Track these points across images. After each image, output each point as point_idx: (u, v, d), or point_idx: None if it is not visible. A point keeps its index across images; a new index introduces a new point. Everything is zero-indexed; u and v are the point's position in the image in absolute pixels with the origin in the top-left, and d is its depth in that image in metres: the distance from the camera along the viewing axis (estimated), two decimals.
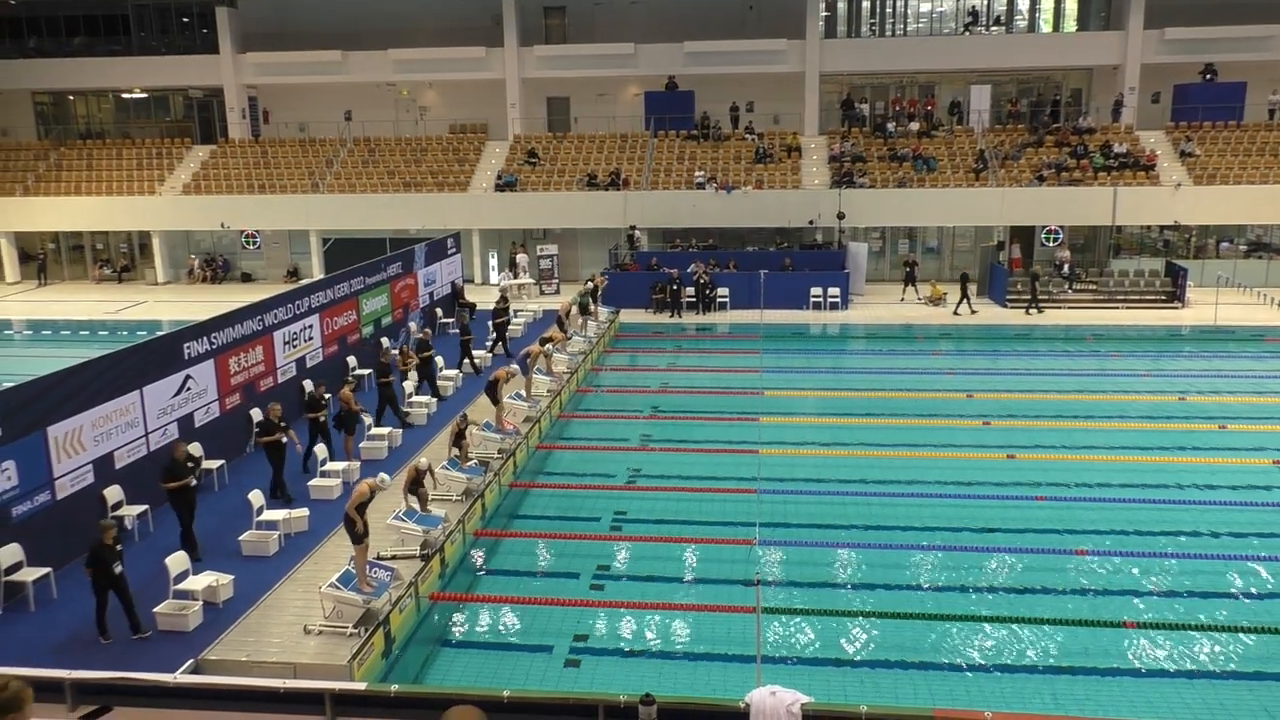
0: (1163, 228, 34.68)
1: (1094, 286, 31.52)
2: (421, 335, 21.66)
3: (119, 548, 10.85)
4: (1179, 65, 35.47)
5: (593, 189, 34.86)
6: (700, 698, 4.85)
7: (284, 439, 14.88)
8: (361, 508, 11.49)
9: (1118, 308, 30.53)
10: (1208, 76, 35.58)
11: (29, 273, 37.74)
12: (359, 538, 11.43)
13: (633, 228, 34.14)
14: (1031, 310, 29.67)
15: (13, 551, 11.82)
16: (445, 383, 20.69)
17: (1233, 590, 12.67)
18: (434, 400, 19.58)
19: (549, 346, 20.91)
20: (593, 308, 26.61)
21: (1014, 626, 11.67)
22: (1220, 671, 10.84)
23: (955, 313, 29.75)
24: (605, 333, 26.67)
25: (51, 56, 39.91)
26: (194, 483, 13.08)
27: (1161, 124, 36.01)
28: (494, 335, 24.48)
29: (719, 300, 30.93)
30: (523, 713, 4.77)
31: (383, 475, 12.40)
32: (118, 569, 10.77)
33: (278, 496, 14.59)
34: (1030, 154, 34.54)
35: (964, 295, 29.80)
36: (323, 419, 16.08)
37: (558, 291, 33.48)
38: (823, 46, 36.41)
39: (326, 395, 16.62)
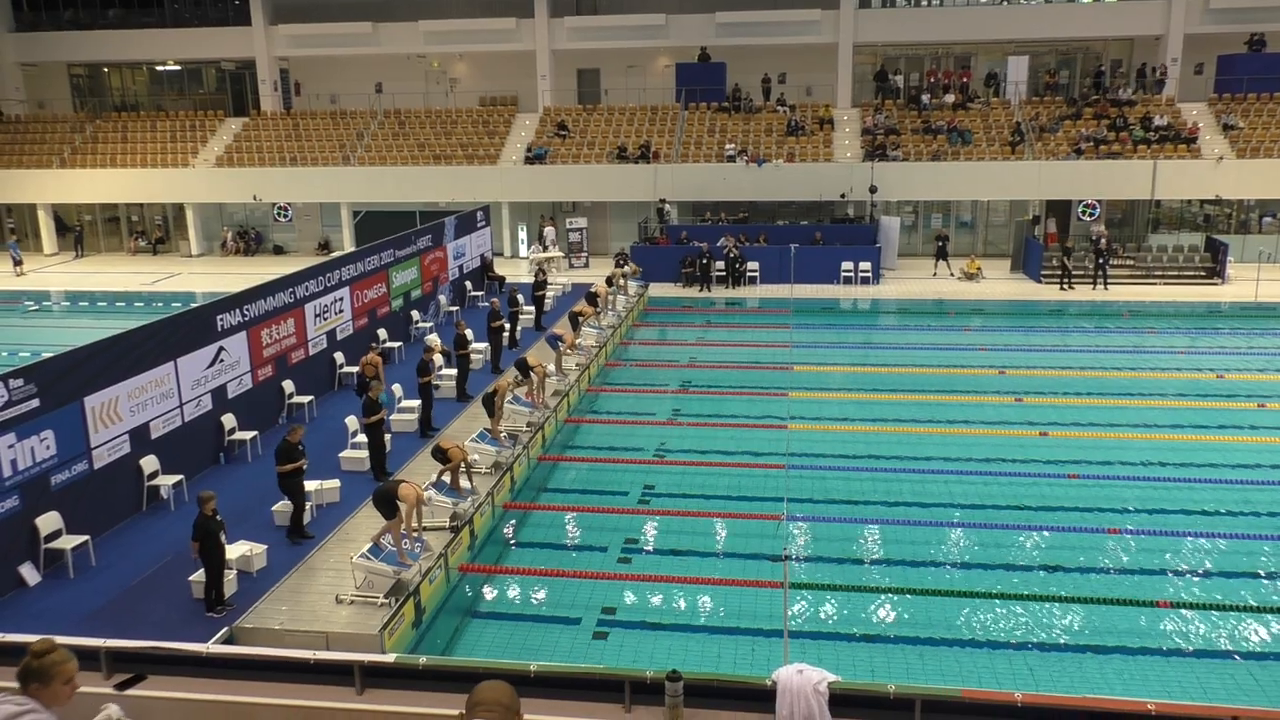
0: (1203, 202, 34.04)
1: (1132, 262, 31.02)
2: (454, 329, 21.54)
3: (219, 518, 10.97)
4: (1224, 35, 34.64)
5: (622, 162, 34.69)
6: (727, 675, 4.85)
7: (387, 416, 14.96)
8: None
9: (1156, 283, 30.04)
10: (1254, 47, 34.73)
11: (66, 244, 38.23)
12: (394, 516, 11.50)
13: (662, 201, 33.99)
14: (1098, 286, 29.27)
15: (52, 519, 12.05)
16: (476, 355, 20.71)
17: (1269, 570, 12.49)
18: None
19: (577, 343, 20.81)
20: (620, 282, 26.54)
21: (1045, 605, 11.59)
22: (1256, 653, 10.72)
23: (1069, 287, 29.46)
24: (634, 306, 26.62)
25: (87, 29, 40.21)
26: (305, 466, 12.98)
27: (1204, 96, 35.23)
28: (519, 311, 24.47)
29: (749, 274, 30.76)
30: (549, 686, 4.78)
31: (432, 493, 12.48)
32: (222, 539, 10.93)
33: (379, 479, 14.61)
34: (1068, 126, 33.93)
35: (1068, 272, 29.48)
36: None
37: (586, 265, 33.45)
38: (857, 16, 35.89)
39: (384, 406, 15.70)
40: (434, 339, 19.83)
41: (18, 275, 33.47)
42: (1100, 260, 29.44)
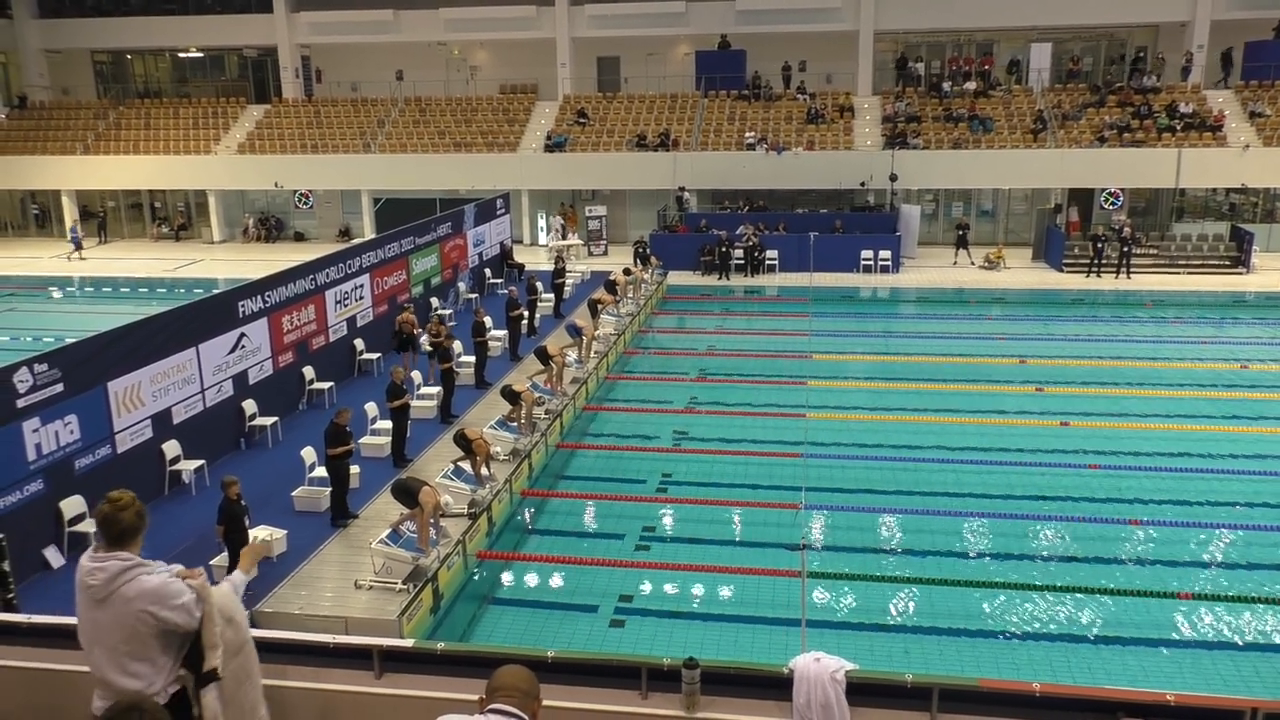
0: (1229, 190, 33.64)
1: (1155, 251, 30.71)
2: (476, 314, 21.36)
3: (244, 503, 11.07)
4: (1251, 21, 34.13)
5: (642, 150, 34.61)
6: (744, 662, 4.87)
7: (410, 402, 15.07)
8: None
9: (1179, 273, 29.73)
10: None
11: (89, 230, 38.41)
12: (413, 506, 11.56)
13: (682, 189, 33.90)
14: (1121, 274, 29.01)
15: (76, 503, 12.18)
16: (494, 343, 20.72)
17: None
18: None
19: (596, 333, 20.79)
20: (635, 272, 26.49)
21: (1064, 596, 11.54)
22: (1278, 645, 10.63)
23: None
24: (653, 295, 26.59)
25: (110, 15, 40.41)
26: (354, 448, 13.10)
27: (1231, 83, 34.77)
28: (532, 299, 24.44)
29: (768, 263, 30.66)
30: (566, 673, 4.79)
31: (448, 499, 12.55)
32: (246, 523, 11.03)
33: (399, 464, 14.73)
34: (1091, 114, 33.57)
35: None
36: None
37: (605, 253, 33.43)
38: (877, 4, 35.57)
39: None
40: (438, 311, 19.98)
41: (80, 259, 33.95)
42: (1124, 249, 29.16)
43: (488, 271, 27.99)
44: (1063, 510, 13.82)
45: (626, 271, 25.26)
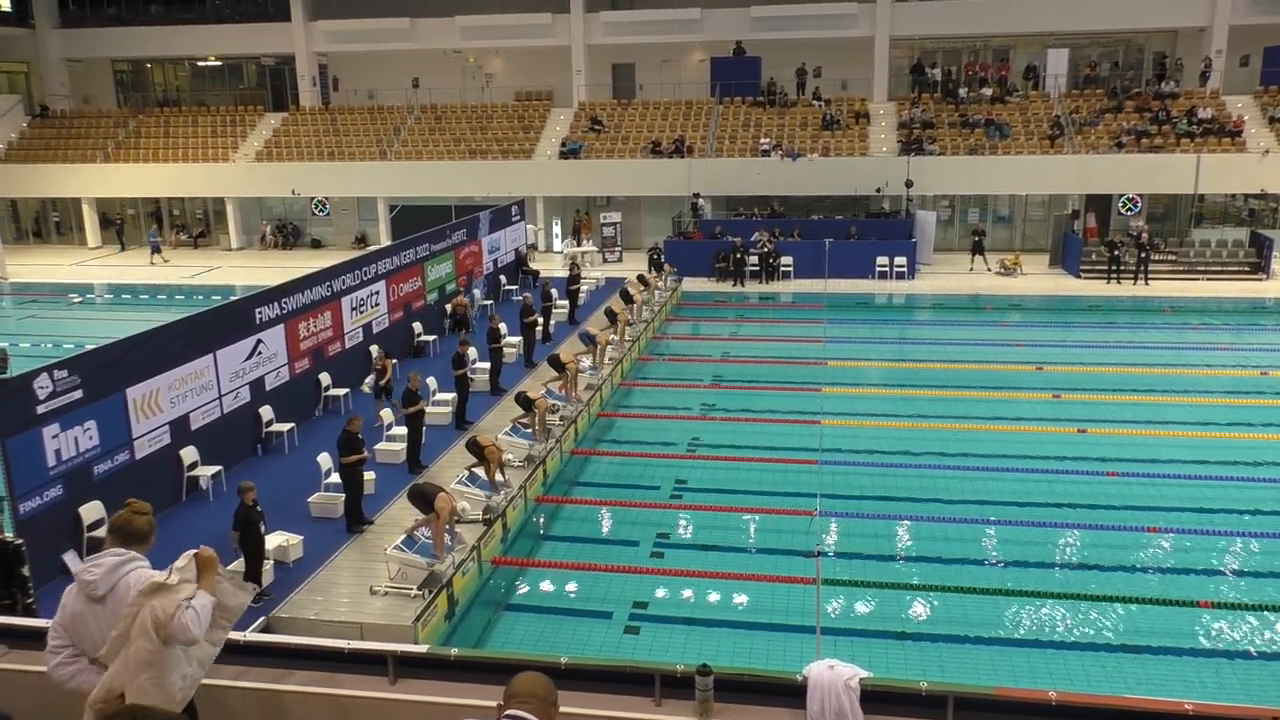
0: (1248, 196, 33.40)
1: (1174, 257, 30.51)
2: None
3: (260, 509, 11.12)
4: (1270, 26, 33.90)
5: (657, 156, 34.65)
6: (757, 669, 4.86)
7: (425, 407, 15.14)
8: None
9: (1198, 279, 29.53)
10: None
11: (109, 238, 38.84)
12: (429, 511, 11.60)
13: (697, 195, 33.91)
14: (1139, 281, 28.85)
15: (95, 509, 12.26)
16: (509, 349, 20.76)
17: None
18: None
19: (613, 336, 20.81)
20: (650, 278, 26.50)
21: (1082, 604, 11.46)
22: None
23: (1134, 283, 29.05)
24: (668, 301, 26.60)
25: (130, 25, 40.78)
26: (367, 456, 13.14)
27: (1250, 88, 34.53)
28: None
29: (783, 269, 30.62)
30: (580, 679, 4.80)
31: (464, 505, 12.58)
32: (262, 529, 11.08)
33: (415, 470, 14.78)
34: (1109, 120, 33.41)
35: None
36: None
37: (620, 259, 33.46)
38: (893, 9, 35.54)
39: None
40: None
41: (163, 263, 34.78)
42: (1142, 255, 28.99)
43: (503, 278, 28.06)
44: (1080, 518, 13.74)
45: (641, 279, 25.28)
